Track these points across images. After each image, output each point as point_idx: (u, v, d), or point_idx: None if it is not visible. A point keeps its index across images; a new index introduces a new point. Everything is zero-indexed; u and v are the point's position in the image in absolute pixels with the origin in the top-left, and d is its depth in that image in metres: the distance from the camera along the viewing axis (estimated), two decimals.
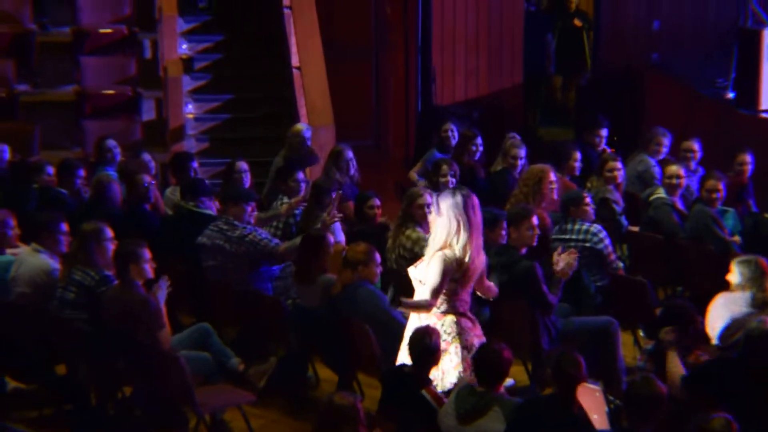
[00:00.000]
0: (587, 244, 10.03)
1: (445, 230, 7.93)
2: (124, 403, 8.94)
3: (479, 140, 12.50)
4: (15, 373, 9.15)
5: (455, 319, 8.01)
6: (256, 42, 15.55)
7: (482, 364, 7.35)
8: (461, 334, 7.99)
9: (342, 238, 10.61)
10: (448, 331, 7.98)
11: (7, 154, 12.43)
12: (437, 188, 10.96)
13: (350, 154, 11.91)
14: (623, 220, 11.21)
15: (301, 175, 11.13)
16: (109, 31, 15.31)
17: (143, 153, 12.27)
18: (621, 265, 10.27)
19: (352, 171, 11.89)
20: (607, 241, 10.11)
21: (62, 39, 15.31)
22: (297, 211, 10.76)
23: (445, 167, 11.42)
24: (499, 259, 9.23)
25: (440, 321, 7.99)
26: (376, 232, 10.45)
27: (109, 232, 9.01)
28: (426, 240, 9.71)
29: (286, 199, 10.91)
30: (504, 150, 12.18)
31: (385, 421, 7.56)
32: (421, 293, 8.03)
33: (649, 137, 12.33)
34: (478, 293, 8.34)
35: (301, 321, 9.25)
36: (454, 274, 7.91)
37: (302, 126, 12.89)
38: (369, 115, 16.86)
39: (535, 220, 9.37)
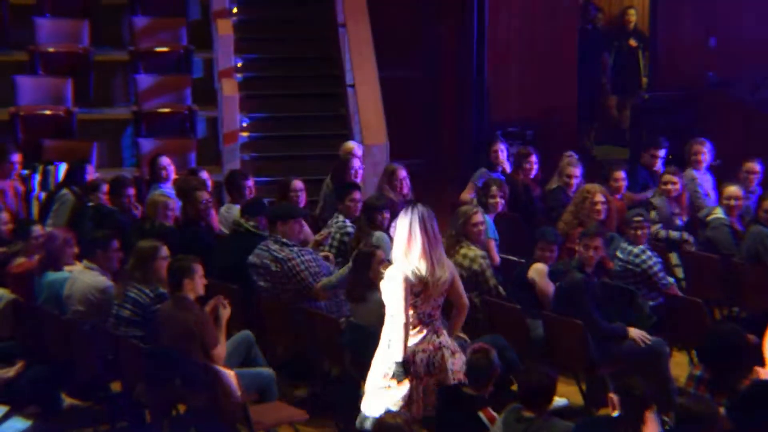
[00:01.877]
0: (636, 268, 10.09)
1: (401, 245, 7.98)
2: (178, 421, 8.97)
3: (534, 158, 12.47)
4: (71, 390, 9.20)
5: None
6: (311, 60, 15.61)
7: (529, 388, 7.24)
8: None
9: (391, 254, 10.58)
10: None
11: (62, 174, 12.56)
12: (486, 208, 10.95)
13: (404, 173, 11.90)
14: (687, 236, 11.20)
15: (358, 195, 11.12)
16: (165, 49, 15.43)
17: (201, 171, 12.33)
18: (672, 281, 10.26)
19: (406, 190, 11.88)
20: (652, 261, 10.13)
21: (119, 58, 15.44)
22: (350, 230, 10.76)
23: (494, 188, 11.38)
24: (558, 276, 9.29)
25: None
26: None
27: (165, 251, 9.05)
28: (485, 257, 9.72)
29: (341, 218, 10.91)
30: (560, 168, 12.18)
31: None
32: (392, 311, 8.01)
33: (688, 151, 12.31)
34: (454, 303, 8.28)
35: (354, 339, 9.24)
36: (413, 288, 7.92)
37: (353, 144, 12.91)
38: (423, 134, 16.86)
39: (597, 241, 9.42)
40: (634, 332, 9.36)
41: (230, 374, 8.24)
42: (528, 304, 9.68)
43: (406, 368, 7.95)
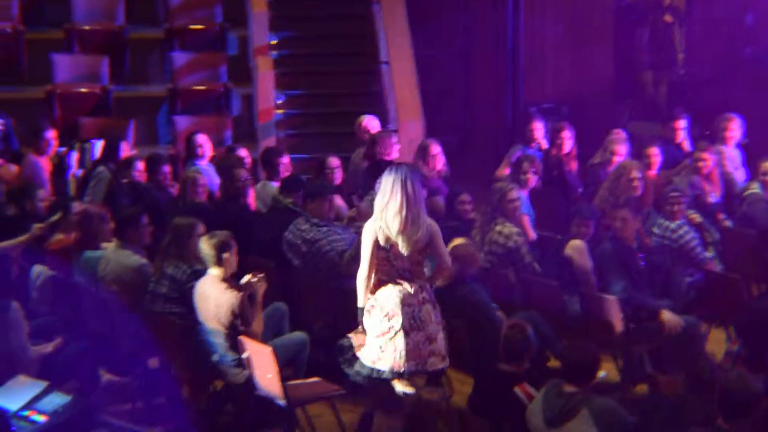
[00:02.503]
0: (673, 243, 10.10)
1: (380, 202, 8.28)
2: (215, 397, 9.02)
3: (567, 133, 12.42)
4: (109, 365, 9.26)
5: (387, 288, 8.29)
6: (346, 37, 15.59)
7: (573, 363, 7.26)
8: (389, 300, 8.26)
9: None
10: (377, 297, 8.31)
11: (98, 151, 12.62)
12: (520, 184, 10.94)
13: (437, 148, 11.87)
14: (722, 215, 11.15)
15: None
16: (200, 27, 15.46)
17: (239, 148, 12.35)
18: (708, 256, 10.22)
19: (440, 166, 11.86)
20: (689, 236, 10.13)
21: (154, 36, 15.48)
22: None
23: (526, 164, 11.37)
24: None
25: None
26: (466, 228, 10.43)
27: (201, 228, 9.08)
28: (520, 234, 9.73)
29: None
30: (605, 144, 12.15)
31: (475, 418, 7.54)
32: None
33: (717, 127, 12.23)
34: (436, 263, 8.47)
35: None
36: (384, 243, 8.23)
37: (364, 117, 12.91)
38: (458, 111, 16.84)
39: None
40: (668, 316, 9.30)
41: (267, 350, 8.27)
42: (565, 280, 9.67)
43: (361, 315, 8.37)
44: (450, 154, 12.30)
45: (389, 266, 8.32)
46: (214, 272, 8.66)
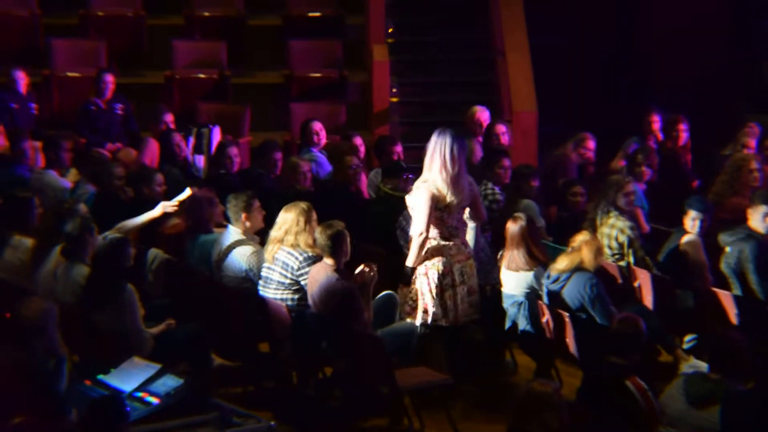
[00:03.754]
0: None
1: (429, 165, 8.86)
2: (324, 384, 9.08)
3: (684, 126, 12.29)
4: (221, 350, 9.37)
5: (439, 245, 8.87)
6: (461, 25, 15.55)
7: (718, 352, 7.22)
8: (442, 258, 8.86)
9: (542, 222, 10.55)
10: (428, 256, 8.87)
11: (219, 135, 12.75)
12: (634, 177, 10.85)
13: (593, 144, 11.88)
14: None
15: (508, 162, 11.09)
16: (317, 14, 15.54)
17: (355, 136, 12.39)
18: None
19: (587, 160, 11.87)
20: None
21: (272, 23, 15.59)
22: (500, 197, 10.74)
23: (640, 156, 11.32)
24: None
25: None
26: (577, 220, 10.36)
27: (314, 214, 9.13)
28: (633, 228, 9.66)
29: (489, 185, 10.89)
30: (737, 137, 11.97)
31: (584, 411, 7.49)
32: (415, 221, 8.89)
33: None
34: (472, 219, 9.21)
35: (499, 306, 9.26)
36: (438, 204, 8.77)
37: (476, 107, 12.86)
38: (572, 102, 16.68)
39: None
40: None
41: (375, 339, 8.31)
42: (678, 274, 9.55)
43: (411, 274, 8.91)
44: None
45: (441, 225, 8.87)
46: (328, 261, 8.73)
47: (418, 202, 8.87)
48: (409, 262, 8.91)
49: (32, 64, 14.19)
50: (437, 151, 8.84)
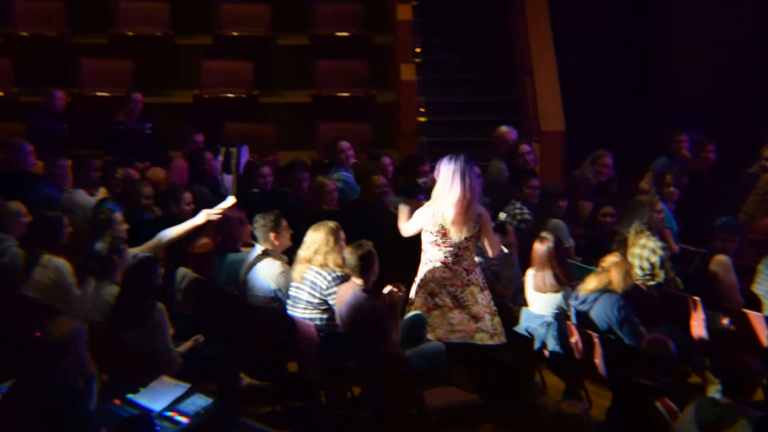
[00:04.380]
0: None
1: (441, 190, 8.97)
2: (352, 403, 9.07)
3: (711, 146, 12.27)
4: (249, 369, 9.37)
5: (433, 267, 9.06)
6: (487, 45, 15.56)
7: (730, 376, 7.18)
8: (434, 280, 9.04)
9: (571, 242, 10.54)
10: (422, 276, 9.10)
11: (247, 155, 12.78)
12: (663, 197, 10.81)
13: (609, 161, 11.85)
14: None
15: (536, 182, 11.08)
16: (344, 34, 15.58)
17: (384, 155, 12.40)
18: None
19: (605, 178, 11.83)
20: None
21: (299, 42, 15.64)
22: (529, 217, 10.72)
23: (668, 177, 11.29)
24: None
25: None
26: (604, 239, 10.33)
27: (342, 234, 9.14)
28: (664, 248, 9.62)
29: (518, 204, 10.88)
30: (761, 152, 11.91)
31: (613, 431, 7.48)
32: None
33: None
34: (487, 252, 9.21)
35: (529, 326, 9.24)
36: (431, 226, 8.99)
37: (504, 127, 12.85)
38: (596, 121, 16.66)
39: None
40: None
41: (403, 359, 8.29)
42: (709, 295, 9.51)
43: None
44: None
45: (436, 249, 9.00)
46: (357, 281, 8.73)
47: (415, 218, 9.19)
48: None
49: (61, 83, 14.26)
50: (454, 180, 8.93)
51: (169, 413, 7.41)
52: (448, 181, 8.94)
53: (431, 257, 9.05)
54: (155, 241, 9.60)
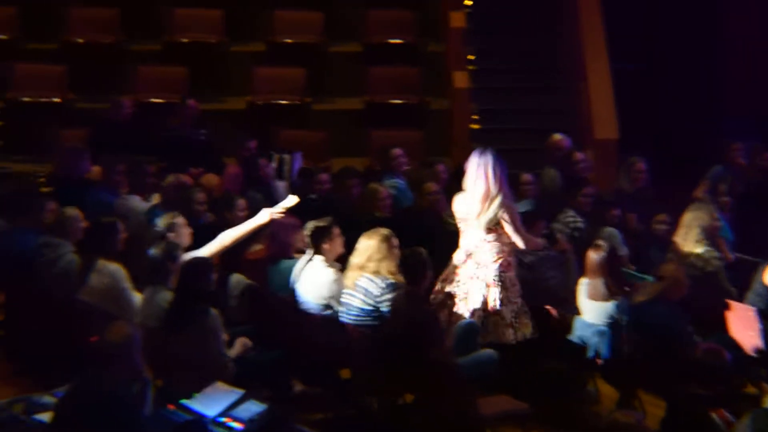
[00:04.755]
0: None
1: (468, 182, 9.19)
2: (403, 411, 9.05)
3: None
4: (302, 375, 9.39)
5: (451, 265, 9.34)
6: (541, 52, 15.51)
7: None
8: (449, 279, 9.33)
9: (625, 251, 10.48)
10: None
11: (301, 161, 12.81)
12: (719, 206, 10.75)
13: (643, 166, 11.77)
14: None
15: (589, 190, 11.04)
16: (397, 41, 15.59)
17: (439, 163, 12.38)
18: None
19: (641, 184, 11.74)
20: None
21: (352, 49, 15.67)
22: (582, 225, 10.68)
23: (723, 186, 11.22)
24: None
25: None
26: (662, 248, 10.28)
27: (395, 241, 9.14)
28: (719, 258, 9.56)
29: (570, 213, 10.84)
30: None
31: None
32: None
33: None
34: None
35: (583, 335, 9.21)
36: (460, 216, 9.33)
37: (557, 135, 12.81)
38: (653, 129, 16.58)
39: None
40: None
41: (454, 367, 8.28)
42: (763, 305, 9.44)
43: None
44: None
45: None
46: (410, 288, 8.73)
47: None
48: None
49: (116, 90, 14.37)
50: (479, 174, 9.17)
51: (223, 419, 7.46)
52: (473, 174, 9.13)
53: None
54: (218, 242, 9.60)
